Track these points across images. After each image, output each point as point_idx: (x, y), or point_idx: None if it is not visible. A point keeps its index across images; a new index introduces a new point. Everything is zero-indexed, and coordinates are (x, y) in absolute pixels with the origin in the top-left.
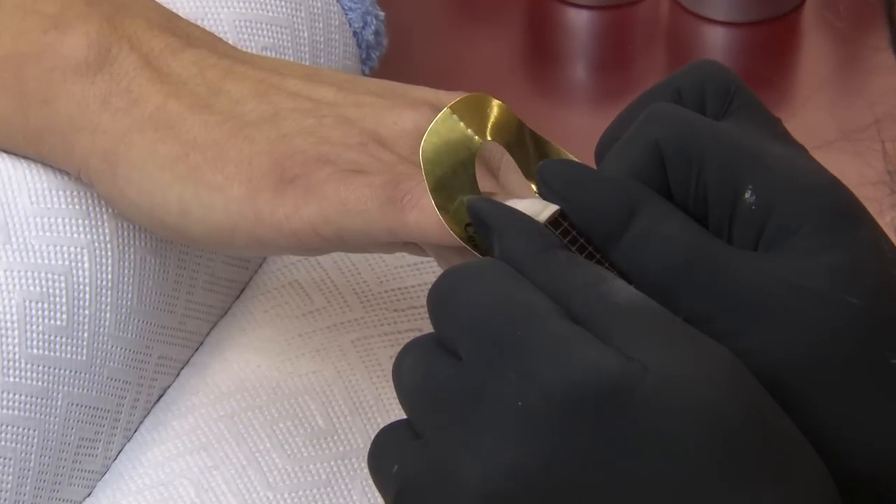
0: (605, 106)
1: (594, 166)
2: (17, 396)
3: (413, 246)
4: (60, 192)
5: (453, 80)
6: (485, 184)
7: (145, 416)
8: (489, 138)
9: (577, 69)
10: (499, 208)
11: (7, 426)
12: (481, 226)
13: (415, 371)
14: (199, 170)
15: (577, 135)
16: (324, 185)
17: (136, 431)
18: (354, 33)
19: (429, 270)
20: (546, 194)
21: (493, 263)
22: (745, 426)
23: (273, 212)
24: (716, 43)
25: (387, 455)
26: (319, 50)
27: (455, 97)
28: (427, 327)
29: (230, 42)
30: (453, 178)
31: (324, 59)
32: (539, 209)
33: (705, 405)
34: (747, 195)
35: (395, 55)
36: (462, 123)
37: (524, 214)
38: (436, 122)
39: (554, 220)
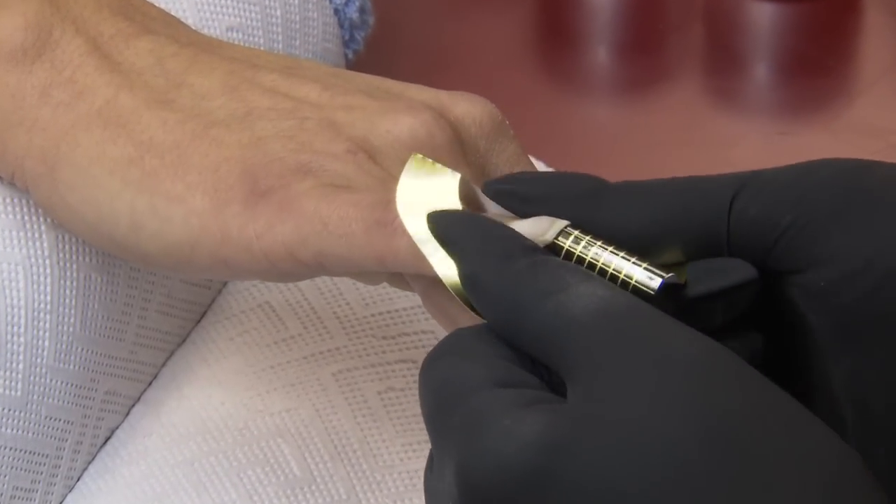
0: (631, 97)
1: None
2: None
3: (399, 279)
4: None
5: (453, 66)
6: None
7: (90, 462)
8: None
9: (600, 53)
10: (457, 218)
11: None
12: (442, 244)
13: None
14: (156, 176)
15: (599, 130)
16: (302, 201)
17: (78, 480)
18: (336, 11)
19: None
20: (504, 195)
21: (449, 339)
22: (706, 458)
23: (242, 229)
24: (762, 22)
25: None
26: (295, 31)
27: (458, 98)
28: (420, 357)
29: (191, 24)
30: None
31: (300, 41)
32: (546, 226)
33: (652, 446)
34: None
35: (383, 36)
36: (437, 165)
37: (484, 221)
38: (406, 171)
39: (561, 233)
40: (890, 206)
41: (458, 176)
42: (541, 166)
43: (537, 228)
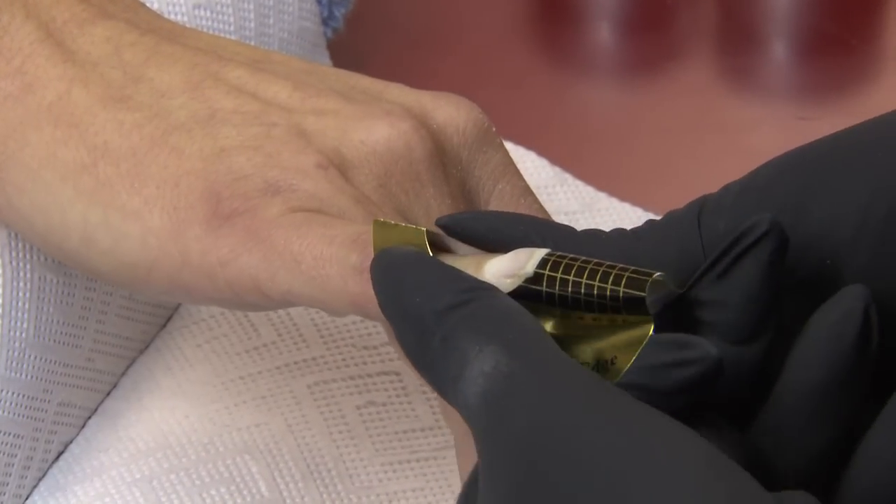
0: (637, 79)
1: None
2: None
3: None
4: None
5: (441, 45)
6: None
7: (40, 479)
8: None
9: (602, 30)
10: (386, 292)
11: None
12: None
13: None
14: (111, 187)
15: (602, 116)
16: (271, 231)
17: (27, 498)
18: None
19: None
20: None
21: None
22: None
23: (204, 254)
24: None
25: None
26: (268, 8)
27: (441, 102)
28: (404, 369)
29: (155, 2)
30: None
31: (273, 19)
32: (525, 259)
33: None
34: None
35: (365, 13)
36: (399, 225)
37: (404, 288)
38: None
39: (542, 262)
40: (850, 166)
41: (422, 231)
42: (531, 157)
43: (516, 263)
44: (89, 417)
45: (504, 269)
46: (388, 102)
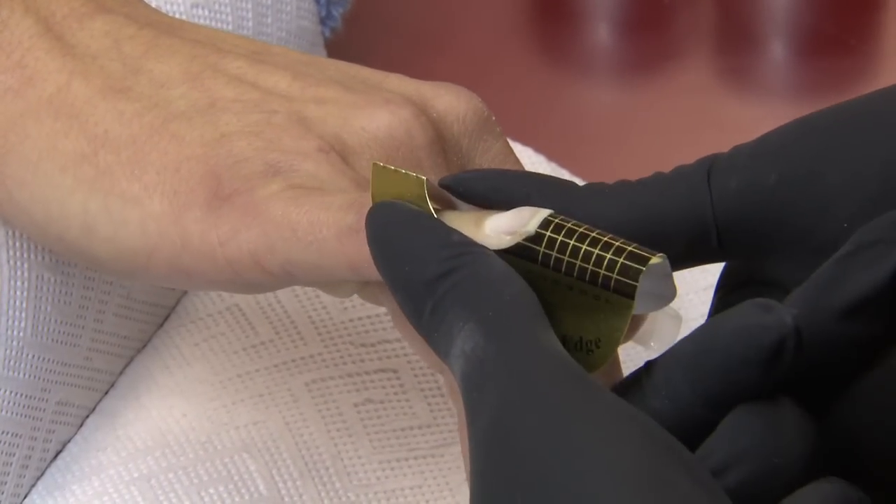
0: (635, 79)
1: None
2: None
3: (370, 292)
4: None
5: (439, 45)
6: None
7: (38, 478)
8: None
9: (601, 30)
10: (382, 254)
11: None
12: None
13: None
14: (111, 174)
15: (600, 116)
16: (269, 205)
17: (25, 497)
18: None
19: None
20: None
21: None
22: None
23: (204, 235)
24: None
25: None
26: (266, 7)
27: (441, 91)
28: (402, 367)
29: (151, 1)
30: None
31: (272, 18)
32: (527, 217)
33: None
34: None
35: (364, 12)
36: (400, 171)
37: (395, 255)
38: (371, 184)
39: (544, 222)
40: (863, 133)
41: (423, 179)
42: (528, 153)
43: (518, 220)
44: (87, 416)
45: (504, 226)
46: (388, 91)
